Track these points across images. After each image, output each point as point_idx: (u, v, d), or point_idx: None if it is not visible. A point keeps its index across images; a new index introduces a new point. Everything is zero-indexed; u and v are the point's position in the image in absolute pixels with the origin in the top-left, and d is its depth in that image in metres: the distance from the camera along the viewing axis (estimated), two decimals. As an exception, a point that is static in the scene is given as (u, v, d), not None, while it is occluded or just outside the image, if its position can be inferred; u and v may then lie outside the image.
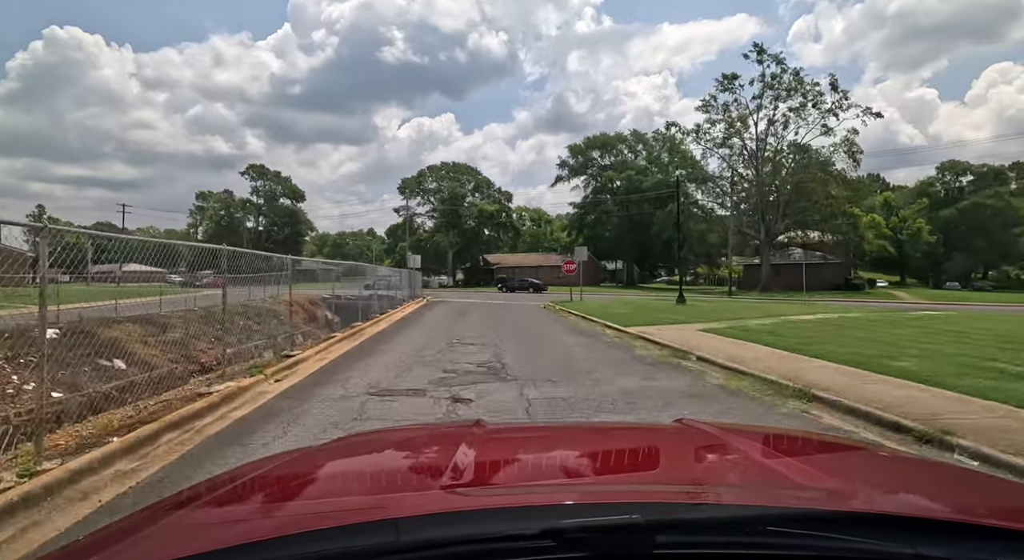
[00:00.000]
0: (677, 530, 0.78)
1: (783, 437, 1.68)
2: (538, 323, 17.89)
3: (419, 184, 71.06)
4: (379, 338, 13.90)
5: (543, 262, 64.01)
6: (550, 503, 0.96)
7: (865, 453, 1.71)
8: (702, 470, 1.32)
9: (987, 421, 4.92)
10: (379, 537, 0.76)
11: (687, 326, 14.19)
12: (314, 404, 6.14)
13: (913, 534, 0.78)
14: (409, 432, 2.38)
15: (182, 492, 1.23)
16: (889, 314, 19.08)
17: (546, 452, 1.54)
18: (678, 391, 6.84)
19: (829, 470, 1.25)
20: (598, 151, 64.09)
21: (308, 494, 1.21)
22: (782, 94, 46.24)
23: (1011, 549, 0.76)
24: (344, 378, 7.72)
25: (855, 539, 0.76)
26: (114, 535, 1.01)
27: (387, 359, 9.95)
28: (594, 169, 64.76)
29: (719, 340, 11.16)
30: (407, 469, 1.44)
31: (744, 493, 1.09)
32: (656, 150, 60.51)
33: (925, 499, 1.12)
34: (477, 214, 61.16)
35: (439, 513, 0.87)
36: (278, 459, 1.50)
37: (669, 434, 1.77)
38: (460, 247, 63.75)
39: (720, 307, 23.94)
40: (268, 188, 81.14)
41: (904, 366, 7.51)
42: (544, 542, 0.74)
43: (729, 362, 8.37)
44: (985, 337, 10.93)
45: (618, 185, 64.02)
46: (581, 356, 9.92)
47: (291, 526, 0.85)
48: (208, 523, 1.02)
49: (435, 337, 13.71)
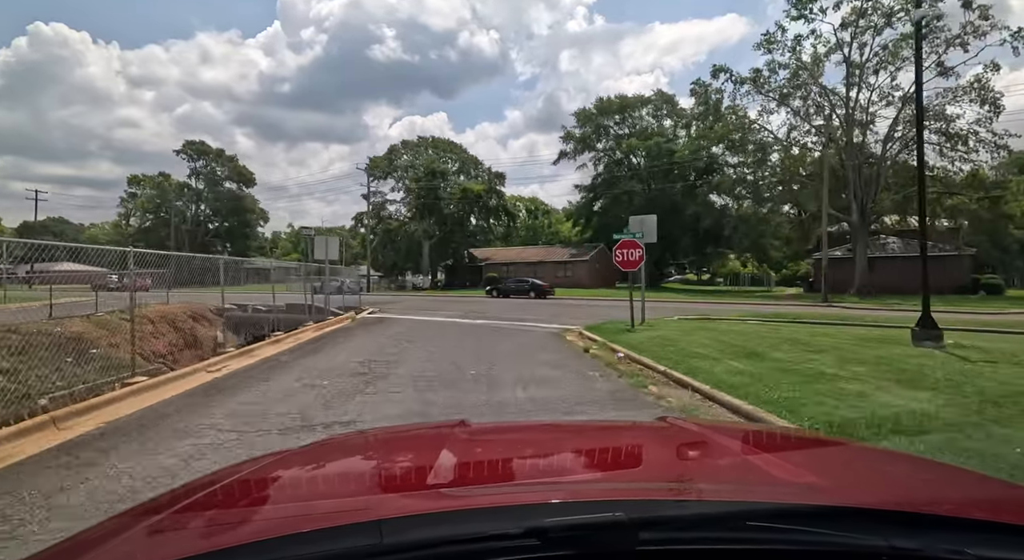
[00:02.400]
0: (660, 527, 0.79)
1: (763, 434, 1.73)
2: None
3: (390, 162, 57.40)
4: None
5: (545, 257, 50.48)
6: (534, 502, 0.96)
7: (843, 448, 1.72)
8: (685, 467, 1.30)
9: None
10: (362, 539, 0.75)
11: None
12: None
13: (888, 527, 0.79)
14: (392, 432, 2.35)
15: (158, 497, 1.20)
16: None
17: (530, 451, 1.52)
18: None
19: (808, 466, 1.29)
20: (615, 117, 50.71)
21: (289, 497, 1.20)
22: (878, 24, 33.01)
23: (981, 540, 0.77)
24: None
25: (832, 532, 0.78)
26: (84, 544, 0.96)
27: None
28: (608, 140, 51.29)
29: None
30: (390, 470, 1.39)
31: (725, 490, 1.09)
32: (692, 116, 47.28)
33: (900, 492, 1.12)
34: (460, 196, 47.52)
35: (423, 514, 0.86)
36: (258, 462, 1.45)
37: (652, 432, 1.79)
38: (439, 238, 50.20)
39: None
40: (209, 170, 67.16)
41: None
42: (529, 541, 0.73)
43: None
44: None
45: (639, 159, 50.68)
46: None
47: (271, 530, 0.84)
48: (184, 529, 0.99)
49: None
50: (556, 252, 51.69)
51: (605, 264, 54.55)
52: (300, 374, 8.18)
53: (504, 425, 3.33)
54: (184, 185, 67.41)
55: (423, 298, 34.82)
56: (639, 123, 52.09)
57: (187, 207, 68.31)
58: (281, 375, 8.19)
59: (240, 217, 66.07)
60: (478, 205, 48.63)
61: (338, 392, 6.86)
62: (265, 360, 9.74)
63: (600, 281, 49.76)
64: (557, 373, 8.12)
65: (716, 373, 7.29)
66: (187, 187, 67.25)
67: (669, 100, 49.52)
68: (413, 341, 12.34)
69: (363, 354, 10.23)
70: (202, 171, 66.60)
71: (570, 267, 47.98)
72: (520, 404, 6.26)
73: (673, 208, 49.75)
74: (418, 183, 49.77)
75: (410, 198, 52.65)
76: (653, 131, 48.60)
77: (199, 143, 66.54)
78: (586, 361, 9.30)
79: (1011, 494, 1.24)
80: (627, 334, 12.02)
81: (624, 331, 12.56)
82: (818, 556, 0.78)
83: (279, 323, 16.97)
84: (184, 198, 67.51)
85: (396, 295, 40.42)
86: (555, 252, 51.78)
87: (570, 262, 48.08)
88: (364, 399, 6.52)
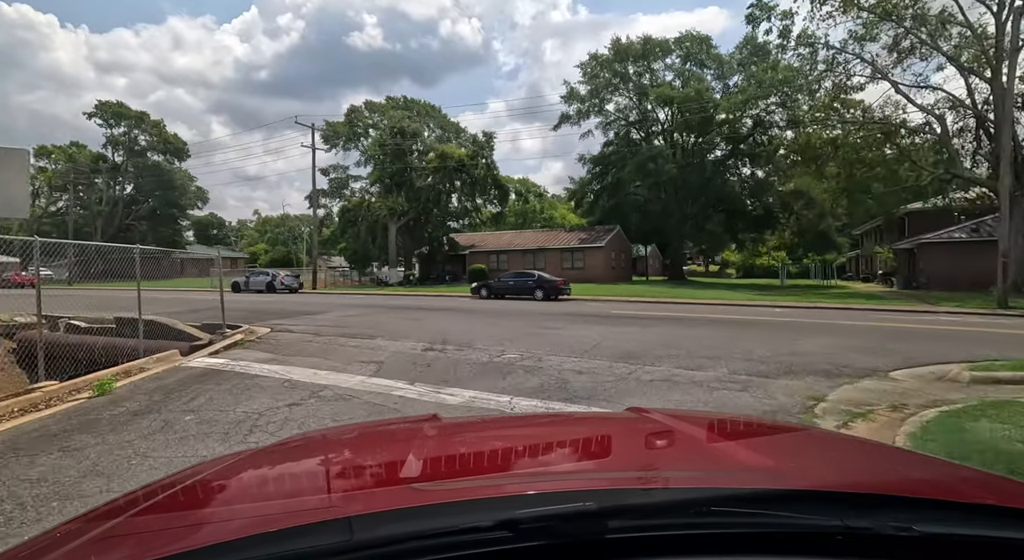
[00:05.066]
0: (628, 515, 0.81)
1: (727, 422, 1.71)
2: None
3: (351, 127, 45.90)
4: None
5: (546, 243, 39.70)
6: (505, 494, 0.97)
7: (802, 434, 1.81)
8: (652, 456, 1.31)
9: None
10: (331, 537, 0.74)
11: None
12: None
13: (842, 507, 0.82)
14: (362, 428, 2.29)
15: (116, 500, 1.12)
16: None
17: (501, 444, 1.50)
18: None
19: (770, 452, 1.32)
20: (636, 65, 39.90)
21: (255, 496, 1.15)
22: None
23: (926, 517, 0.80)
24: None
25: (792, 515, 0.81)
26: (32, 553, 0.90)
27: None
28: (628, 94, 40.51)
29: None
30: (360, 466, 1.35)
31: (691, 477, 1.12)
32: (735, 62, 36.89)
33: (853, 475, 1.15)
34: (437, 164, 36.39)
35: (393, 510, 0.85)
36: (222, 462, 1.37)
37: (621, 422, 1.81)
38: (411, 220, 39.11)
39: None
40: (130, 138, 54.69)
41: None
42: (500, 533, 0.74)
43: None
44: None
45: (667, 116, 40.13)
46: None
47: (237, 531, 0.82)
48: (142, 533, 0.95)
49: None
50: (560, 237, 40.92)
51: (623, 252, 44.18)
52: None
53: (476, 420, 2.95)
54: (99, 156, 54.89)
55: (379, 301, 23.83)
56: (660, 77, 41.43)
57: (107, 184, 55.82)
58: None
59: (168, 196, 53.78)
60: (461, 176, 37.54)
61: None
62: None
63: (618, 273, 39.17)
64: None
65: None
66: (102, 159, 54.73)
67: (705, 42, 38.81)
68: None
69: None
70: (121, 140, 54.13)
71: (580, 256, 37.29)
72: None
73: (707, 182, 39.50)
74: (382, 147, 38.45)
75: (373, 167, 41.31)
76: (689, 75, 37.91)
77: (116, 104, 53.98)
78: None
79: (952, 473, 1.26)
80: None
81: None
82: (778, 537, 0.79)
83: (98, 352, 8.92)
84: (103, 174, 54.99)
85: (347, 294, 29.36)
86: (559, 237, 41.01)
87: (580, 249, 37.37)
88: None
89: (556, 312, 16.41)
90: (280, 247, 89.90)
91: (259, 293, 30.26)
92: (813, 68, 28.47)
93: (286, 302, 21.64)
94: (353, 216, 40.12)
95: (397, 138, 37.44)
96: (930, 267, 27.32)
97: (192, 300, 22.37)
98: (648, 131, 41.70)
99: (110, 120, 54.30)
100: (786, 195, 36.87)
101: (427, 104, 48.37)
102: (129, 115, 53.98)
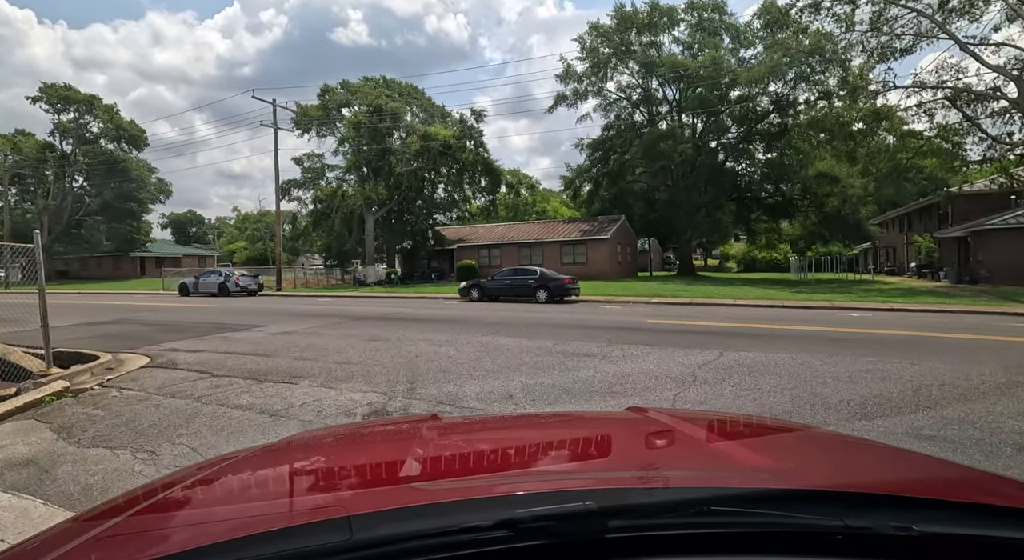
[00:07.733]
0: (628, 514, 0.81)
1: (727, 422, 1.68)
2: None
3: (326, 112, 41.22)
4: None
5: (543, 236, 35.52)
6: (505, 494, 0.96)
7: (802, 434, 1.72)
8: (652, 456, 1.30)
9: None
10: (331, 536, 0.74)
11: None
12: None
13: (842, 507, 0.82)
14: (363, 428, 2.27)
15: (114, 499, 1.12)
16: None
17: (501, 443, 1.49)
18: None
19: (770, 451, 1.30)
20: (641, 35, 35.76)
21: (255, 495, 1.14)
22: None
23: (925, 517, 0.80)
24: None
25: (792, 515, 0.80)
26: (32, 552, 0.89)
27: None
28: (635, 70, 36.40)
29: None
30: (360, 465, 1.34)
31: (691, 476, 1.12)
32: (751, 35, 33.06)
33: (853, 475, 1.15)
34: (420, 147, 32.00)
35: (393, 509, 0.85)
36: (223, 461, 1.37)
37: (621, 422, 1.78)
38: (392, 210, 34.70)
39: None
40: (80, 125, 49.41)
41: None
42: (500, 532, 0.74)
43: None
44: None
45: (672, 94, 36.15)
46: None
47: (237, 529, 0.81)
48: (143, 532, 0.95)
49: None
50: (559, 229, 36.77)
51: (629, 245, 39.22)
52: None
53: (476, 419, 2.76)
54: (46, 145, 49.55)
55: (345, 307, 19.56)
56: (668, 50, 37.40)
57: (55, 175, 50.49)
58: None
59: (123, 189, 48.60)
60: (447, 160, 33.21)
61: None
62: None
63: (624, 269, 35.14)
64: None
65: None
66: (49, 148, 49.39)
67: (719, 8, 34.78)
68: None
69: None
70: (69, 127, 48.82)
71: (582, 249, 33.19)
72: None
73: (720, 167, 35.65)
74: (358, 128, 33.96)
75: (349, 152, 36.80)
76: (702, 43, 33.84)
77: (64, 87, 48.62)
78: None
79: (952, 474, 1.26)
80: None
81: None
82: (778, 537, 0.79)
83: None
84: (51, 164, 49.67)
85: (313, 297, 25.03)
86: (557, 229, 36.87)
87: (582, 242, 33.26)
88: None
89: (574, 322, 12.29)
90: (259, 245, 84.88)
91: (211, 296, 25.77)
92: (851, 29, 24.63)
93: (226, 310, 17.24)
94: (327, 207, 35.61)
95: (374, 117, 32.95)
96: (991, 258, 23.66)
97: (123, 307, 17.93)
98: (653, 112, 37.70)
99: (57, 104, 48.94)
100: (810, 179, 33.11)
101: (409, 85, 43.75)
102: (78, 99, 48.62)
